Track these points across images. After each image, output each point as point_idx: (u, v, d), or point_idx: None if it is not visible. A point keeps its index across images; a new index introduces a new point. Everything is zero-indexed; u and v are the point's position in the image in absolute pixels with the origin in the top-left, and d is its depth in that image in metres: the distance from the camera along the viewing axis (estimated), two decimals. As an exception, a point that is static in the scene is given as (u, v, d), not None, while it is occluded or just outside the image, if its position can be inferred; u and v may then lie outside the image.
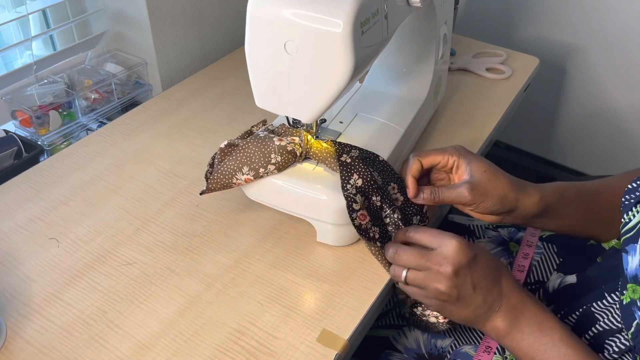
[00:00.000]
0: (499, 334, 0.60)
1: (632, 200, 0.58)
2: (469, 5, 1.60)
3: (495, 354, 0.67)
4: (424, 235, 0.62)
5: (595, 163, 1.64)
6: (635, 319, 0.54)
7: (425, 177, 0.71)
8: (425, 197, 0.66)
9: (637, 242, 0.54)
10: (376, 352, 0.74)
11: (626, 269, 0.55)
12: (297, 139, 0.68)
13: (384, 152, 0.71)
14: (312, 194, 0.66)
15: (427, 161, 0.68)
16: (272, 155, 0.66)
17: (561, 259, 0.78)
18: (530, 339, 0.58)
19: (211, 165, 0.70)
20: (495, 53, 1.13)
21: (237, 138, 0.70)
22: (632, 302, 0.54)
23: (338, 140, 0.72)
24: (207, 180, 0.69)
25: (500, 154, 1.73)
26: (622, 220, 0.58)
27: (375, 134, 0.75)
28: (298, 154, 0.67)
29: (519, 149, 1.74)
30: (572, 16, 1.46)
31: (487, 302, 0.59)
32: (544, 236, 0.83)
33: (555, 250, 0.80)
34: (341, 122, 0.76)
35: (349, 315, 0.62)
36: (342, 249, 0.70)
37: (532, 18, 1.52)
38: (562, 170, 1.69)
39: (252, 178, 0.67)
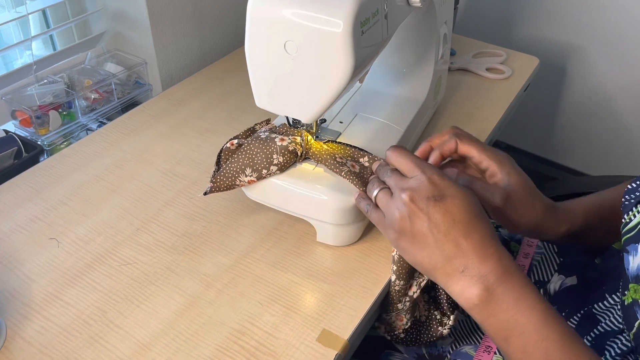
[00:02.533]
0: (467, 302, 0.53)
1: (632, 200, 0.58)
2: (469, 5, 1.60)
3: (495, 354, 0.67)
4: (402, 161, 0.58)
5: (595, 163, 1.64)
6: (638, 319, 0.53)
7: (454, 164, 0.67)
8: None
9: (638, 242, 0.53)
10: (376, 352, 0.74)
11: (627, 269, 0.55)
12: (298, 139, 0.68)
13: (383, 152, 0.71)
14: (312, 194, 0.66)
15: (464, 149, 0.62)
16: (275, 156, 0.66)
17: (561, 259, 0.78)
18: (505, 316, 0.51)
19: (217, 163, 0.70)
20: (495, 53, 1.13)
21: (240, 135, 0.70)
22: (634, 302, 0.53)
23: (338, 140, 0.72)
24: (212, 181, 0.69)
25: (501, 154, 1.72)
26: (623, 220, 0.57)
27: (375, 134, 0.75)
28: (299, 153, 0.67)
29: (519, 149, 1.74)
30: (572, 16, 1.46)
31: (445, 252, 0.52)
32: (544, 236, 0.83)
33: (556, 250, 0.80)
34: (341, 122, 0.76)
35: (349, 315, 0.62)
36: (342, 249, 0.70)
37: (532, 18, 1.52)
38: (562, 170, 1.69)
39: (255, 179, 0.67)
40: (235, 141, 0.69)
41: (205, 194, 0.69)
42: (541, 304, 0.51)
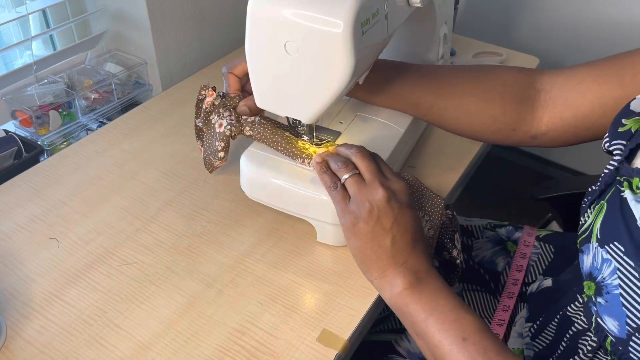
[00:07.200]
0: (397, 287, 0.58)
1: (587, 203, 0.59)
2: (469, 5, 1.60)
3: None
4: (371, 164, 0.61)
5: (595, 163, 1.64)
6: (593, 314, 0.55)
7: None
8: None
9: (590, 242, 0.55)
10: (378, 357, 0.74)
11: (582, 268, 0.57)
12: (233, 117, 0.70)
13: (384, 152, 0.71)
14: (312, 194, 0.66)
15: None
16: (217, 143, 0.70)
17: (558, 259, 0.78)
18: (429, 298, 0.57)
19: (200, 139, 0.76)
20: (495, 53, 1.13)
21: (198, 118, 0.74)
22: (589, 298, 0.55)
23: (337, 140, 0.72)
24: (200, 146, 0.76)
25: (501, 154, 1.73)
26: (580, 222, 0.59)
27: (375, 134, 0.75)
28: (232, 134, 0.70)
29: (519, 149, 1.74)
30: (572, 16, 1.46)
31: (396, 249, 0.58)
32: (540, 236, 0.83)
33: (552, 250, 0.80)
34: (341, 122, 0.76)
35: (349, 315, 0.62)
36: (342, 249, 0.70)
37: (532, 18, 1.52)
38: (562, 170, 1.69)
39: (221, 161, 0.73)
40: (200, 123, 0.72)
41: (210, 171, 0.75)
42: (454, 294, 0.58)
